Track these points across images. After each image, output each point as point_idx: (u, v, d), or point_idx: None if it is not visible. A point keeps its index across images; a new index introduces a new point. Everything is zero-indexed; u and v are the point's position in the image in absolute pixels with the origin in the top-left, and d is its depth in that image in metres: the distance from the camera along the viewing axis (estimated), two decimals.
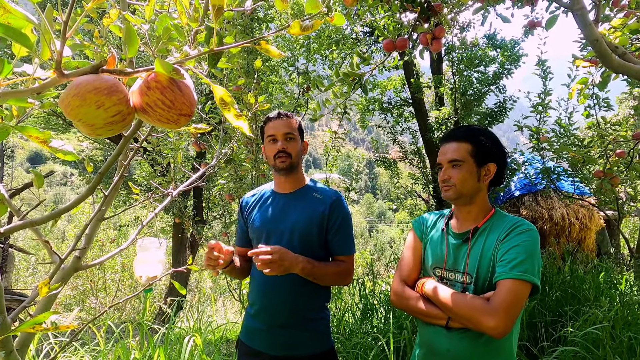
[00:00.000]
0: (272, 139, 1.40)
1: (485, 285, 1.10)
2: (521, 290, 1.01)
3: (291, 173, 1.42)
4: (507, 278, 1.02)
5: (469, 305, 1.03)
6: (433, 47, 2.03)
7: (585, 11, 1.62)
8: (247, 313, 1.43)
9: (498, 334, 0.98)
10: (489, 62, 5.61)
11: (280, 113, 1.43)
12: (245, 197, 1.54)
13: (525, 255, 1.04)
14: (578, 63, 2.49)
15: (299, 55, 5.91)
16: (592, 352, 2.20)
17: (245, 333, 1.41)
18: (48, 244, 0.97)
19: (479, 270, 1.11)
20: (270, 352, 1.32)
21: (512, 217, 1.16)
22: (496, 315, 0.98)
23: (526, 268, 1.02)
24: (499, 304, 1.00)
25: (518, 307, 1.00)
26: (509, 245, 1.07)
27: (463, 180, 1.15)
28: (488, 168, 1.18)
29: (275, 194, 1.46)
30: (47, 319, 0.78)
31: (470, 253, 1.14)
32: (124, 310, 6.60)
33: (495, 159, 1.18)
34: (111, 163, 0.81)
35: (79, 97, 0.42)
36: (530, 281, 1.02)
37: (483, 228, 1.16)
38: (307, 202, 1.39)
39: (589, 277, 3.34)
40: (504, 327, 0.98)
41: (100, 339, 2.13)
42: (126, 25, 0.44)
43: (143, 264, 1.72)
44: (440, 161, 1.21)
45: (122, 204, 7.68)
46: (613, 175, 3.10)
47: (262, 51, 0.53)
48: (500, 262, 1.06)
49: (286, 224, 1.36)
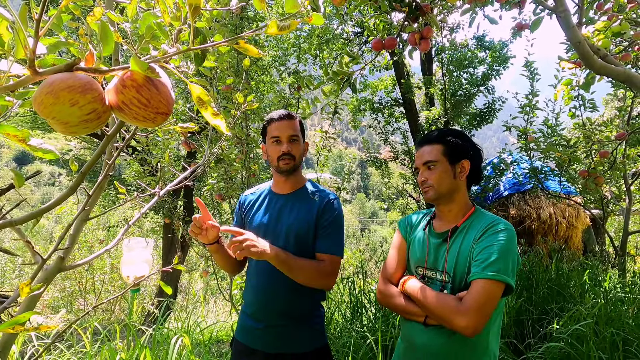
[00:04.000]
0: (276, 140, 1.39)
1: (462, 284, 1.13)
2: (493, 290, 1.03)
3: (292, 174, 1.43)
4: (480, 278, 1.04)
5: (443, 305, 1.07)
6: (421, 47, 2.05)
7: (568, 14, 1.66)
8: (242, 312, 1.44)
9: (469, 333, 1.01)
10: (478, 63, 5.68)
11: (284, 113, 1.41)
12: (245, 194, 1.55)
13: (498, 254, 1.06)
14: (563, 66, 2.53)
15: (290, 55, 5.91)
16: (576, 348, 2.24)
17: (240, 331, 1.41)
18: (29, 244, 0.95)
19: (456, 268, 1.14)
20: (265, 350, 1.33)
21: (490, 215, 1.19)
22: (467, 315, 1.01)
23: (499, 268, 1.04)
24: (471, 304, 1.02)
25: (490, 306, 1.03)
26: (484, 244, 1.09)
27: (439, 179, 1.20)
28: (462, 165, 1.22)
29: (274, 195, 1.47)
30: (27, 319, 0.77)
31: (448, 252, 1.17)
32: (112, 312, 6.52)
33: (468, 156, 1.23)
34: (93, 162, 0.81)
35: (52, 95, 0.42)
36: (504, 281, 1.04)
37: (462, 227, 1.19)
38: (304, 203, 1.40)
39: (574, 274, 3.41)
40: (474, 326, 1.01)
41: (86, 341, 2.10)
42: (102, 23, 0.44)
43: (129, 264, 1.71)
44: (416, 165, 1.27)
45: (112, 204, 7.59)
46: (597, 175, 3.16)
47: (241, 50, 0.53)
48: (475, 261, 1.09)
49: (282, 226, 1.37)
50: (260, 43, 4.73)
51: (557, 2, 1.65)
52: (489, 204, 5.70)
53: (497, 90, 5.86)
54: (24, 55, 0.41)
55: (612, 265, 4.40)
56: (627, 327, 2.38)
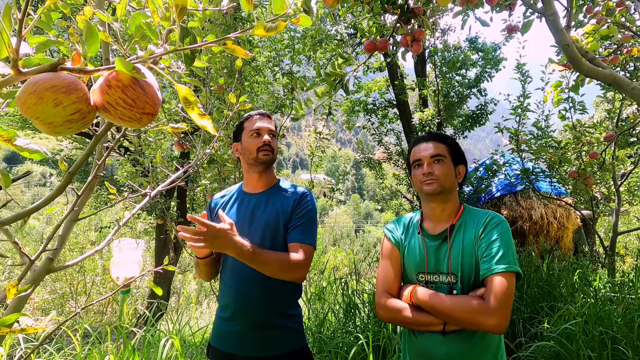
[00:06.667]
0: (256, 132, 1.42)
1: (471, 282, 1.11)
2: (510, 281, 1.04)
3: (267, 170, 1.44)
4: (496, 273, 1.05)
5: (465, 307, 1.04)
6: (413, 49, 2.06)
7: (556, 17, 1.68)
8: (218, 317, 1.39)
9: (500, 331, 1.01)
10: (470, 65, 5.73)
11: (263, 112, 1.47)
12: (215, 197, 1.53)
13: (505, 247, 1.08)
14: (553, 68, 2.57)
15: (284, 55, 5.90)
16: (566, 347, 2.27)
17: (217, 337, 1.37)
18: (17, 245, 0.94)
19: (463, 267, 1.12)
20: (244, 354, 1.30)
21: (481, 210, 1.21)
22: (495, 313, 1.00)
23: (509, 260, 1.06)
24: (497, 301, 1.01)
25: (511, 299, 1.03)
26: (488, 239, 1.10)
27: (446, 174, 1.20)
28: (460, 169, 1.25)
29: (246, 194, 1.45)
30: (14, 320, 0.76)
31: (451, 252, 1.15)
32: (104, 314, 6.45)
33: (463, 162, 1.27)
34: (81, 162, 0.80)
35: (36, 95, 0.41)
36: (515, 271, 1.06)
37: (458, 225, 1.18)
38: (277, 200, 1.39)
39: (565, 274, 3.45)
40: (504, 323, 1.00)
41: (76, 343, 2.08)
42: (87, 23, 0.44)
43: (119, 265, 1.69)
44: (420, 157, 1.23)
45: (104, 205, 7.52)
46: (587, 176, 3.21)
47: (229, 51, 0.53)
48: (484, 257, 1.09)
49: (256, 225, 1.35)
50: (254, 43, 4.72)
51: (546, 5, 1.67)
52: (482, 205, 5.74)
53: (491, 92, 5.93)
54: (7, 54, 0.41)
55: (602, 265, 4.46)
56: (615, 326, 2.41)
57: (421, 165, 1.22)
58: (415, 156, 1.25)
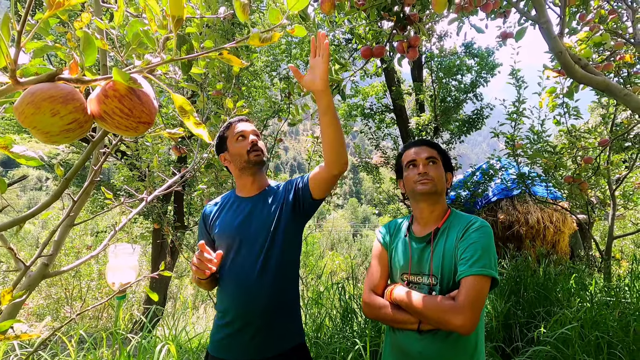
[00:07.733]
0: (241, 135, 1.42)
1: (450, 285, 1.14)
2: (483, 284, 1.06)
3: (260, 171, 1.44)
4: (469, 275, 1.07)
5: (436, 306, 1.07)
6: (409, 55, 2.08)
7: (550, 24, 1.70)
8: (216, 325, 1.37)
9: (466, 331, 1.02)
10: (466, 70, 5.78)
11: (242, 117, 1.49)
12: (208, 206, 1.52)
13: (482, 251, 1.10)
14: (547, 74, 2.60)
15: (282, 60, 5.94)
16: (562, 351, 2.28)
17: (216, 345, 1.35)
18: (12, 251, 0.94)
19: (443, 270, 1.15)
20: (244, 358, 1.29)
21: (466, 215, 1.23)
22: (462, 313, 1.02)
23: (485, 263, 1.08)
24: (464, 301, 1.04)
25: (481, 301, 1.05)
26: (467, 243, 1.13)
27: (440, 176, 1.24)
28: (447, 176, 1.29)
29: (241, 199, 1.45)
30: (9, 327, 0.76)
31: (433, 255, 1.18)
32: (100, 319, 6.40)
33: (451, 170, 1.32)
34: (78, 168, 0.81)
35: (33, 105, 0.42)
36: (490, 275, 1.07)
37: (443, 228, 1.21)
38: (272, 198, 1.41)
39: (561, 278, 3.46)
40: (470, 323, 1.02)
41: (71, 349, 2.06)
42: (84, 34, 0.45)
43: (115, 270, 1.69)
44: (415, 158, 1.27)
45: (100, 210, 7.48)
46: (582, 181, 3.23)
47: (225, 61, 0.54)
48: (461, 260, 1.11)
49: (257, 226, 1.35)
50: (252, 48, 4.75)
51: (539, 13, 1.69)
52: (478, 209, 5.76)
53: (487, 97, 5.97)
54: (5, 64, 0.42)
55: (598, 269, 4.48)
56: (611, 330, 2.42)
57: (416, 166, 1.26)
58: (409, 157, 1.29)
